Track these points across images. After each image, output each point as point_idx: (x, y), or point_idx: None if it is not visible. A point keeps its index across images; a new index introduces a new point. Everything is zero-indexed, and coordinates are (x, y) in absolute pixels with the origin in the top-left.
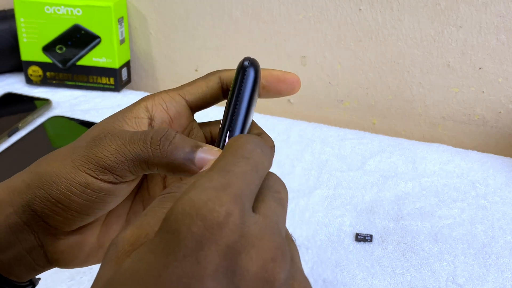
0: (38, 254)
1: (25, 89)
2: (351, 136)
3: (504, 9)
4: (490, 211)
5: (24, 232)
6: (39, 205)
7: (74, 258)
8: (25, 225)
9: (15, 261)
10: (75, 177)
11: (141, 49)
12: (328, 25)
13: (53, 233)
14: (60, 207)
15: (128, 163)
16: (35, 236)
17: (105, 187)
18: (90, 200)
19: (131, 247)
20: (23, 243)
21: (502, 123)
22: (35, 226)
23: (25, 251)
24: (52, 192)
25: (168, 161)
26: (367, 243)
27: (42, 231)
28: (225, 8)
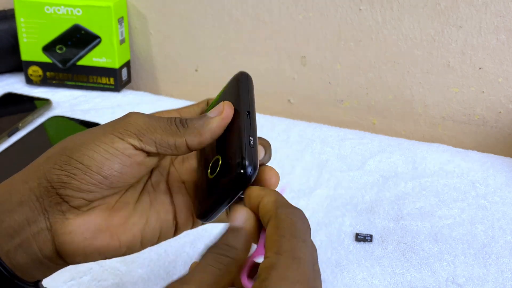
0: (45, 240)
1: (25, 89)
2: (351, 136)
3: (504, 9)
4: (490, 211)
5: (34, 211)
6: (57, 172)
7: (79, 242)
8: (37, 201)
9: (21, 249)
10: (102, 137)
11: (141, 49)
12: (328, 25)
13: (63, 210)
14: (79, 168)
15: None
16: (45, 217)
17: (128, 147)
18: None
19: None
20: (32, 225)
21: (502, 123)
22: (47, 202)
23: (32, 237)
24: (74, 154)
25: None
26: (367, 243)
27: (53, 207)
28: (225, 8)
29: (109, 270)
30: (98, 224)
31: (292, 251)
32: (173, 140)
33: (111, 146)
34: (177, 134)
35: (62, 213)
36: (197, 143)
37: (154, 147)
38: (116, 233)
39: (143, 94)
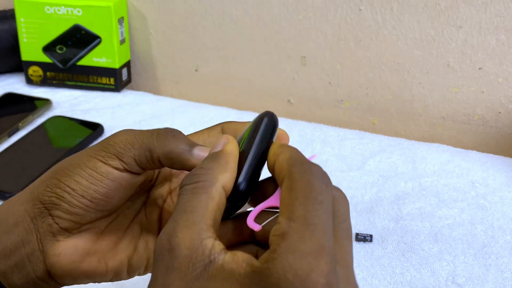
0: (37, 261)
1: (25, 89)
2: (351, 136)
3: (504, 9)
4: (490, 211)
5: (29, 232)
6: (48, 194)
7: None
8: (31, 222)
9: (17, 270)
10: (86, 162)
11: (141, 49)
12: (328, 25)
13: (53, 231)
14: (67, 191)
15: (134, 151)
16: (37, 238)
17: (111, 172)
18: (97, 183)
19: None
20: (26, 246)
21: (502, 123)
22: (40, 223)
23: (26, 257)
24: (63, 177)
25: (169, 150)
26: (367, 243)
27: (45, 229)
28: (225, 8)
29: None
30: (86, 247)
31: (306, 217)
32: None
33: (94, 171)
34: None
35: (53, 235)
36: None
37: (135, 163)
38: (103, 257)
39: (143, 94)
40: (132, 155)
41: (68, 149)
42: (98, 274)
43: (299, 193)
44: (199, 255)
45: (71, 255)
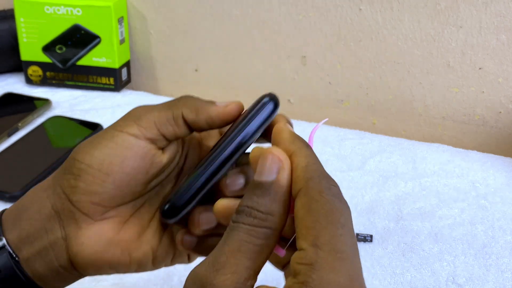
0: (60, 250)
1: (25, 89)
2: (351, 136)
3: (504, 9)
4: (490, 211)
5: (51, 219)
6: (66, 177)
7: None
8: (53, 210)
9: (40, 258)
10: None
11: (141, 49)
12: (328, 25)
13: (76, 218)
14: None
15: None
16: (60, 225)
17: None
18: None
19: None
20: (49, 233)
21: (502, 123)
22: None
23: (49, 245)
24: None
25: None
26: (367, 243)
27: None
28: (225, 8)
29: None
30: (109, 237)
31: (332, 243)
32: (171, 112)
33: (110, 141)
34: (175, 106)
35: (76, 222)
36: (191, 119)
37: (155, 128)
38: (127, 248)
39: (143, 94)
40: (152, 117)
41: (68, 149)
42: (121, 264)
43: (320, 215)
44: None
45: (94, 245)
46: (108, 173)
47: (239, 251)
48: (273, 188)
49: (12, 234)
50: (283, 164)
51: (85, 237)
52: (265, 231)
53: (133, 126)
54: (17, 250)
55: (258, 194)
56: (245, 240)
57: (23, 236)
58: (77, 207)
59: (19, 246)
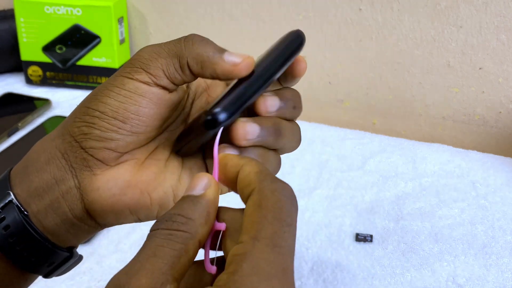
0: (74, 199)
1: (25, 89)
2: (351, 136)
3: (504, 9)
4: (490, 211)
5: (62, 169)
6: (77, 125)
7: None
8: (63, 158)
9: (51, 210)
10: (113, 81)
11: None
12: (328, 25)
13: (90, 165)
14: (97, 116)
15: (161, 61)
16: (72, 174)
17: (139, 86)
18: (126, 101)
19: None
20: (60, 183)
21: (502, 123)
22: (73, 158)
23: (61, 196)
24: (91, 103)
25: (198, 52)
26: (367, 243)
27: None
28: (225, 8)
29: (109, 270)
30: (126, 179)
31: (273, 238)
32: (177, 60)
33: (122, 88)
34: (181, 53)
35: (89, 169)
36: (196, 71)
37: (163, 75)
38: (146, 189)
39: None
40: (160, 65)
41: None
42: (142, 207)
43: (268, 212)
44: None
45: (111, 189)
46: (123, 120)
47: (154, 256)
48: (199, 199)
49: (20, 188)
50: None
51: (101, 182)
52: (183, 235)
53: (143, 73)
54: (25, 204)
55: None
56: (162, 245)
57: (32, 189)
58: (90, 153)
59: (27, 201)
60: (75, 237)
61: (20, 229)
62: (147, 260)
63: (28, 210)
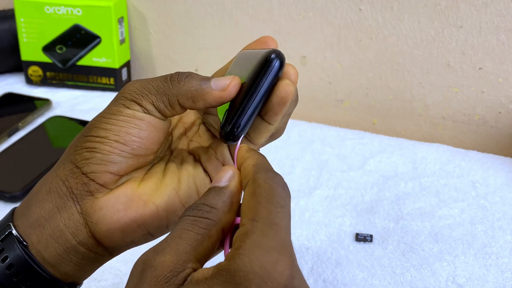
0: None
1: (25, 89)
2: (351, 136)
3: (504, 9)
4: (490, 211)
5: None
6: (78, 152)
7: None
8: (64, 185)
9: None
10: (108, 111)
11: (141, 49)
12: (328, 25)
13: (91, 190)
14: (98, 141)
15: (151, 97)
16: (74, 201)
17: (136, 113)
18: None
19: (170, 273)
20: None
21: (502, 123)
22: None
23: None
24: (90, 132)
25: (186, 89)
26: (367, 243)
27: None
28: (225, 8)
29: (109, 270)
30: (129, 194)
31: (269, 218)
32: (166, 99)
33: (120, 115)
34: (170, 92)
35: (90, 193)
36: (188, 106)
37: (155, 109)
38: (149, 199)
39: None
40: (150, 101)
41: None
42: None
43: (262, 197)
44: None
45: (114, 205)
46: (125, 142)
47: (180, 237)
48: (223, 190)
49: (21, 221)
50: (235, 174)
51: (103, 202)
52: (207, 221)
53: (136, 105)
54: (25, 235)
55: (209, 194)
56: (187, 229)
57: (33, 220)
58: (91, 178)
59: (28, 232)
60: (80, 268)
61: (20, 261)
62: (173, 240)
63: (28, 241)
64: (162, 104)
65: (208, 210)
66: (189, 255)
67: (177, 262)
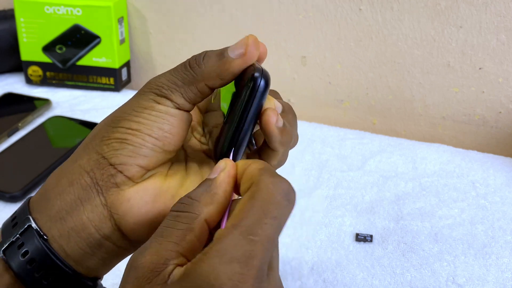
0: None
1: (25, 89)
2: (351, 136)
3: (504, 9)
4: (490, 211)
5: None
6: (106, 142)
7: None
8: (88, 176)
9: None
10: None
11: (141, 49)
12: (328, 25)
13: (117, 182)
14: (129, 133)
15: (180, 89)
16: (98, 192)
17: (169, 110)
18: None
19: (151, 274)
20: (85, 203)
21: (502, 123)
22: (99, 175)
23: (86, 217)
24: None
25: (209, 71)
26: (367, 243)
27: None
28: (225, 8)
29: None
30: (157, 187)
31: (251, 227)
32: (194, 87)
33: (152, 110)
34: (196, 80)
35: (117, 186)
36: (219, 85)
37: (185, 101)
38: (177, 193)
39: None
40: (180, 94)
41: (68, 149)
42: None
43: (256, 203)
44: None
45: (143, 197)
46: (158, 137)
47: (161, 236)
48: (208, 182)
49: (40, 214)
50: (226, 167)
51: (131, 193)
52: (188, 215)
53: (168, 102)
54: (45, 229)
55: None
56: (168, 226)
57: (53, 213)
58: (119, 170)
59: (48, 225)
60: (103, 262)
61: (41, 255)
62: (154, 239)
63: (48, 235)
64: (192, 93)
65: (190, 203)
66: (171, 252)
67: (157, 261)
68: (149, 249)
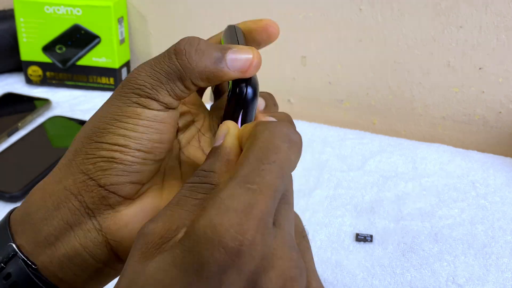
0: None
1: (25, 89)
2: (351, 136)
3: (504, 9)
4: (490, 211)
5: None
6: (91, 161)
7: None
8: (76, 200)
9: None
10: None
11: (141, 49)
12: (328, 25)
13: (111, 203)
14: (117, 150)
15: (166, 86)
16: (89, 216)
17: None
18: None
19: (160, 240)
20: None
21: (502, 123)
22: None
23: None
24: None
25: (199, 71)
26: (367, 243)
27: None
28: (225, 8)
29: None
30: (155, 206)
31: (246, 177)
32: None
33: (139, 119)
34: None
35: (111, 208)
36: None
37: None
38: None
39: None
40: (166, 92)
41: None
42: None
43: (251, 152)
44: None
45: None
46: (149, 150)
47: (177, 204)
48: (218, 150)
49: (25, 239)
50: (229, 130)
51: (128, 217)
52: (205, 186)
53: (153, 103)
54: (33, 257)
55: (207, 157)
56: (185, 195)
57: (40, 239)
58: (112, 191)
59: (36, 252)
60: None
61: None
62: (169, 207)
63: (37, 262)
64: (178, 90)
65: (205, 175)
66: (185, 221)
67: (169, 228)
68: (162, 216)
